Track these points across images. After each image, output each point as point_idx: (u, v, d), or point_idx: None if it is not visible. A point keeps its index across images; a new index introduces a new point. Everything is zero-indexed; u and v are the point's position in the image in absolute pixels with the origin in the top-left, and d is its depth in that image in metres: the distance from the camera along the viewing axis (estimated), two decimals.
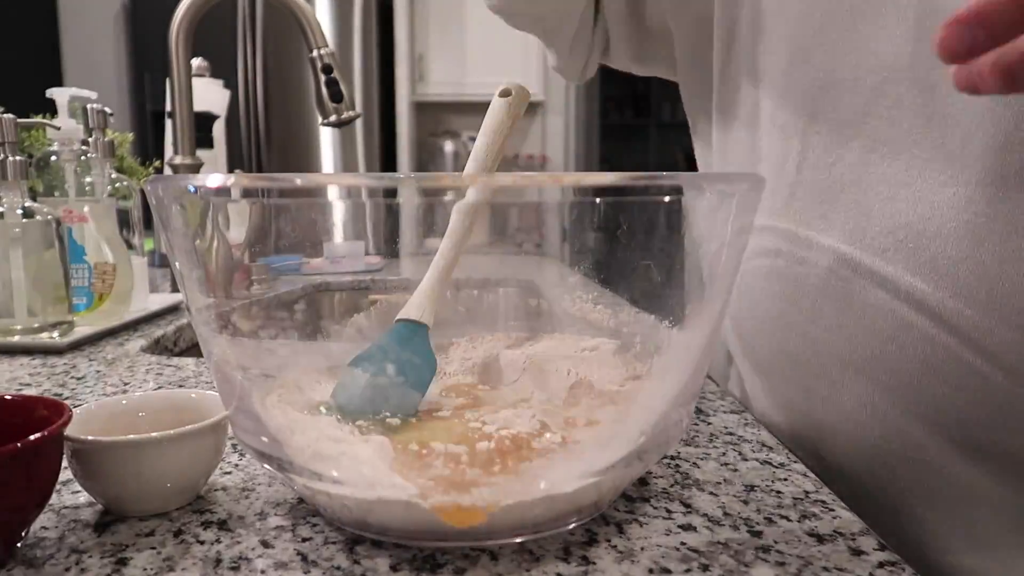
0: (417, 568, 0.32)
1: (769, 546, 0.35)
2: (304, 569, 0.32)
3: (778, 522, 0.37)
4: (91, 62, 3.32)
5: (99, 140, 0.89)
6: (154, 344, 0.80)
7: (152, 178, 0.35)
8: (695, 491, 0.40)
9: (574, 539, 0.35)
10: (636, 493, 0.40)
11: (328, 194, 0.36)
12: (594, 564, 0.33)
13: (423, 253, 0.43)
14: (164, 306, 0.92)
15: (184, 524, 0.37)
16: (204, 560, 0.33)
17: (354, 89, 2.99)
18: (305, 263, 0.42)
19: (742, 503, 0.39)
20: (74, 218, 0.80)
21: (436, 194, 0.37)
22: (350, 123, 1.03)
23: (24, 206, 0.72)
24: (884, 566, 0.33)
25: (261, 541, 0.35)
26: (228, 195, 0.35)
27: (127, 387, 0.61)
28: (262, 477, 0.42)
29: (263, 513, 0.38)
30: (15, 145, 0.72)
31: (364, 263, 1.18)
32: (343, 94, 1.01)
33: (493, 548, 0.34)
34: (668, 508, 0.38)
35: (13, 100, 0.95)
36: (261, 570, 0.32)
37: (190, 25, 0.98)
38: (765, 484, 0.42)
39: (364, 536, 0.35)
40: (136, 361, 0.70)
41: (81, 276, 0.80)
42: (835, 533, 0.36)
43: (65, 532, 0.36)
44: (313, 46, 0.99)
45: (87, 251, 0.81)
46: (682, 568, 0.33)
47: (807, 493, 0.41)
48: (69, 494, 0.40)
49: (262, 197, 0.36)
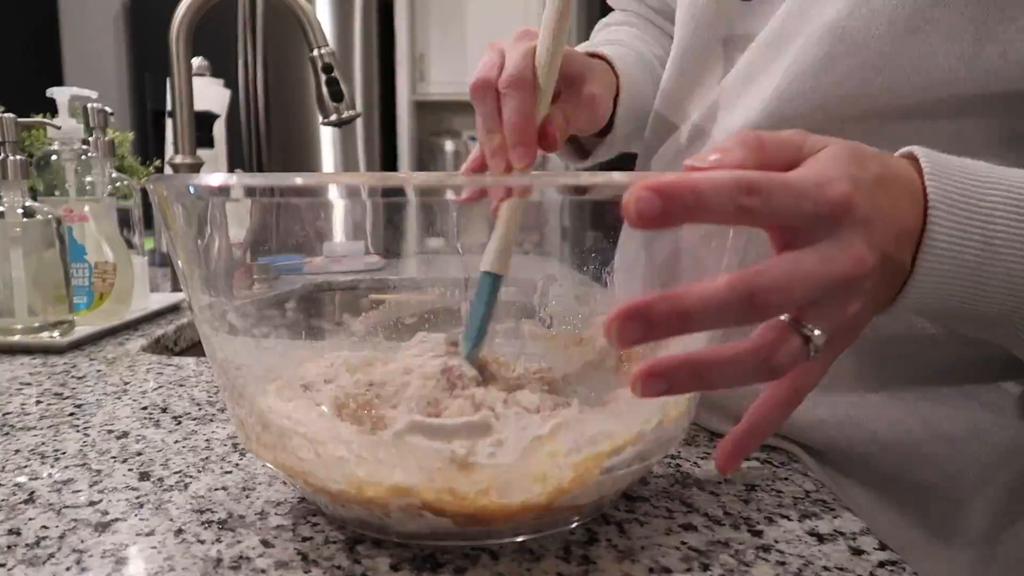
0: (418, 568, 0.32)
1: (769, 545, 0.35)
2: (304, 569, 0.32)
3: (778, 521, 0.37)
4: (91, 62, 3.32)
5: (99, 139, 0.89)
6: (154, 343, 0.80)
7: (153, 177, 0.35)
8: (695, 490, 0.40)
9: (574, 538, 0.35)
10: (636, 493, 0.40)
11: (328, 193, 0.36)
12: (594, 564, 0.33)
13: (423, 252, 0.43)
14: (164, 305, 0.92)
15: (184, 524, 0.37)
16: (204, 560, 0.33)
17: (354, 88, 2.99)
18: (306, 262, 0.42)
19: (742, 502, 0.39)
20: (74, 217, 0.80)
21: (436, 194, 0.37)
22: (350, 122, 1.03)
23: (24, 205, 0.72)
24: (884, 566, 0.33)
25: (261, 541, 0.35)
26: (228, 194, 0.35)
27: (127, 386, 0.61)
28: (262, 477, 0.42)
29: (263, 513, 0.38)
30: (15, 144, 0.72)
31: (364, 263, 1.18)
32: (343, 93, 1.00)
33: (495, 548, 0.34)
34: (668, 507, 0.38)
35: (13, 100, 0.95)
36: (261, 570, 0.32)
37: (190, 24, 0.98)
38: (765, 484, 0.42)
39: (364, 536, 0.35)
40: (136, 360, 0.70)
41: (81, 275, 0.80)
42: (835, 533, 0.36)
43: (65, 532, 0.36)
44: (313, 45, 0.99)
45: (87, 250, 0.81)
46: (682, 567, 0.33)
47: (807, 493, 0.41)
48: (70, 493, 0.40)
49: (262, 196, 0.36)
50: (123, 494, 0.40)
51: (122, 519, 0.37)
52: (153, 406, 0.56)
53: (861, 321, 0.33)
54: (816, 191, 0.29)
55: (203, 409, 0.55)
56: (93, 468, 0.44)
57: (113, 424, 0.51)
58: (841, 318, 0.31)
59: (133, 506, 0.39)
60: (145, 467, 0.44)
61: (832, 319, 0.31)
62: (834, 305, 0.31)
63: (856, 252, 0.30)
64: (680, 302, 0.28)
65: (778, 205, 0.29)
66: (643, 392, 0.29)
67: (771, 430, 0.34)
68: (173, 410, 0.55)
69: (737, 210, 0.28)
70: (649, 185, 0.27)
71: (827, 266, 0.30)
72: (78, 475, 0.43)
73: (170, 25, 0.98)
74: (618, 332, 0.27)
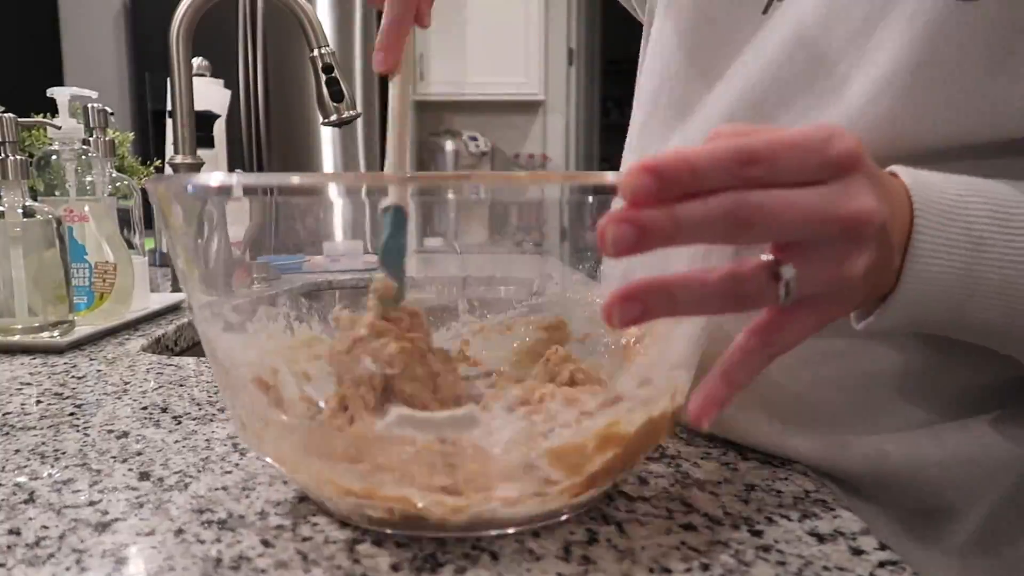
0: (418, 567, 0.32)
1: (769, 545, 0.35)
2: (304, 568, 0.32)
3: (778, 521, 0.37)
4: (91, 62, 3.32)
5: (99, 139, 0.89)
6: (155, 343, 0.80)
7: (153, 177, 0.35)
8: (695, 490, 0.40)
9: (575, 538, 0.35)
10: (636, 492, 0.40)
11: (328, 193, 0.36)
12: (595, 564, 0.33)
13: (423, 252, 0.43)
14: (164, 305, 0.92)
15: (184, 524, 0.37)
16: (204, 560, 0.33)
17: (355, 88, 2.99)
18: (305, 261, 0.42)
19: (742, 502, 0.39)
20: (75, 217, 0.80)
21: (436, 193, 0.37)
22: (351, 122, 1.03)
23: (25, 205, 0.72)
24: (884, 566, 0.33)
25: (261, 540, 0.35)
26: (228, 194, 0.35)
27: (128, 386, 0.61)
28: (262, 476, 0.42)
29: (263, 512, 0.38)
30: (16, 144, 0.72)
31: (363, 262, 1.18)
32: (344, 93, 1.00)
33: (495, 548, 0.34)
34: (668, 507, 0.38)
35: (13, 100, 0.96)
36: (261, 569, 0.32)
37: (190, 24, 0.98)
38: (765, 483, 0.42)
39: (365, 536, 0.35)
40: (136, 360, 0.70)
41: (81, 275, 0.80)
42: (836, 533, 0.36)
43: (65, 532, 0.36)
44: (314, 45, 0.99)
45: (88, 250, 0.81)
46: (682, 567, 0.33)
47: (807, 492, 0.41)
48: (70, 493, 0.40)
49: (262, 196, 0.36)
50: (123, 494, 0.40)
51: (122, 519, 0.37)
52: (153, 406, 0.56)
53: (855, 286, 0.31)
54: (823, 144, 0.28)
55: (203, 409, 0.55)
56: (93, 468, 0.44)
57: (113, 424, 0.51)
58: (833, 272, 0.30)
59: (133, 506, 0.39)
60: (145, 467, 0.44)
61: (823, 269, 0.30)
62: (827, 252, 0.29)
63: (864, 200, 0.29)
64: (670, 209, 0.27)
65: (785, 168, 0.28)
66: (620, 317, 0.28)
67: (743, 379, 0.32)
68: (173, 410, 0.55)
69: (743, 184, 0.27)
70: (644, 165, 0.26)
71: (828, 205, 0.28)
72: (78, 475, 0.43)
73: (170, 25, 0.98)
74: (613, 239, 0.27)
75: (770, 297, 0.29)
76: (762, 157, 0.27)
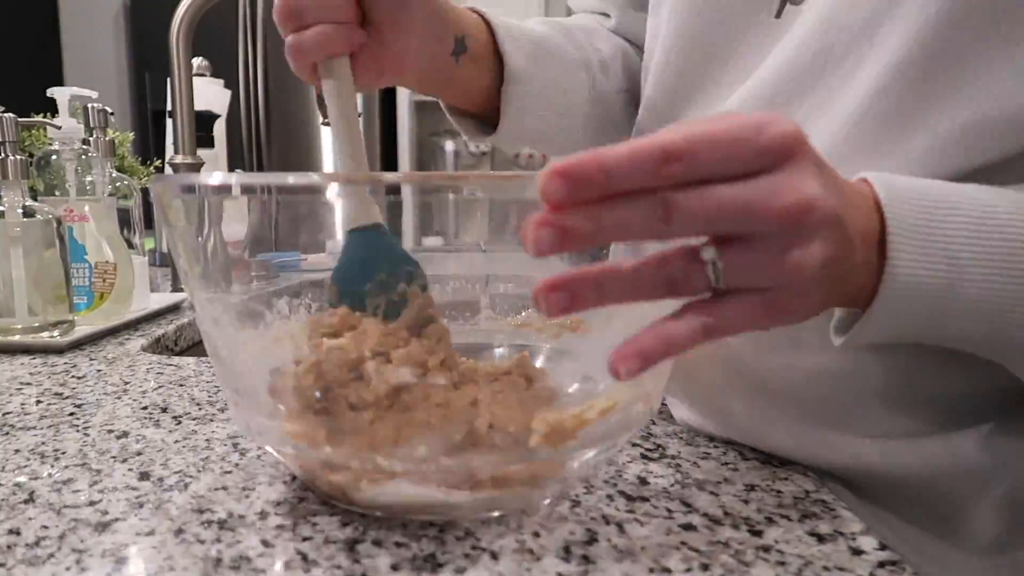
0: (418, 567, 0.32)
1: (769, 545, 0.35)
2: (305, 568, 0.32)
3: (778, 521, 0.37)
4: (91, 62, 3.32)
5: (99, 139, 0.89)
6: (155, 343, 0.80)
7: (154, 177, 0.35)
8: (695, 490, 0.40)
9: (574, 538, 0.35)
10: (636, 492, 0.40)
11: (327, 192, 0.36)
12: (595, 563, 0.33)
13: (422, 251, 0.43)
14: (165, 305, 0.92)
15: (184, 524, 0.37)
16: (204, 560, 0.33)
17: None
18: (303, 260, 0.42)
19: (742, 502, 0.39)
20: (75, 217, 0.80)
21: (435, 192, 0.37)
22: None
23: (25, 205, 0.72)
24: (884, 566, 0.33)
25: (261, 540, 0.35)
26: (228, 193, 0.35)
27: (127, 386, 0.61)
28: (262, 476, 0.42)
29: (263, 512, 0.38)
30: (16, 144, 0.72)
31: None
32: None
33: (495, 548, 0.34)
34: (668, 507, 0.38)
35: (13, 100, 0.96)
36: (261, 570, 0.32)
37: (190, 24, 0.98)
38: (765, 483, 0.42)
39: (364, 536, 0.35)
40: (137, 360, 0.70)
41: (82, 275, 0.80)
42: (835, 533, 0.36)
43: (65, 532, 0.36)
44: None
45: (88, 250, 0.81)
46: (682, 567, 0.33)
47: (807, 492, 0.41)
48: (70, 493, 0.40)
49: (261, 195, 0.36)
50: (123, 494, 0.40)
51: (122, 519, 0.37)
52: (153, 406, 0.56)
53: (808, 278, 0.29)
54: (755, 133, 0.27)
55: (203, 409, 0.55)
56: (93, 468, 0.44)
57: (113, 424, 0.51)
58: (776, 262, 0.29)
59: (133, 506, 0.39)
60: (145, 467, 0.44)
61: (764, 259, 0.29)
62: (770, 243, 0.29)
63: (804, 189, 0.28)
64: (591, 209, 0.27)
65: (708, 162, 0.27)
66: (548, 307, 0.28)
67: (673, 351, 0.30)
68: (173, 410, 0.55)
69: (664, 182, 0.27)
70: (556, 168, 0.26)
71: (757, 197, 0.27)
72: (78, 475, 0.43)
73: (170, 25, 0.98)
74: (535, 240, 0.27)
75: (699, 281, 0.29)
76: (681, 153, 0.27)
